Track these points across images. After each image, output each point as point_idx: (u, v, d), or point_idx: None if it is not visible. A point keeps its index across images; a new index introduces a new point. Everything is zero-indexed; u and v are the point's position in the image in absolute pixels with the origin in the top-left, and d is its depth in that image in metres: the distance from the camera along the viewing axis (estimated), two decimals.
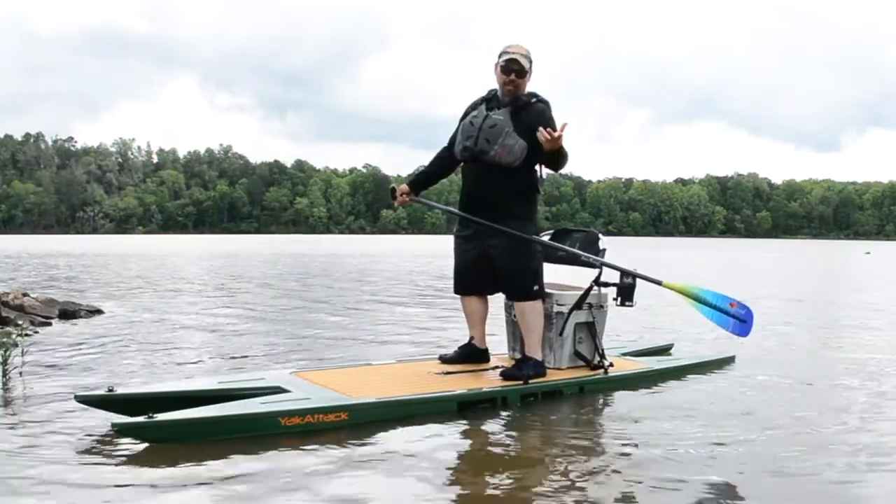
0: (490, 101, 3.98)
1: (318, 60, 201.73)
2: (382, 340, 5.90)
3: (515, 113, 3.88)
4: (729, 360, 4.93)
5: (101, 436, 3.09)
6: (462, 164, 4.05)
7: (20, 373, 4.22)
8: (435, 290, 11.20)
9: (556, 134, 3.68)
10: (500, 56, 3.94)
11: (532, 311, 3.97)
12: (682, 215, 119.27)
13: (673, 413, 3.65)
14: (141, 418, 2.92)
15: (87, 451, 2.92)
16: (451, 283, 4.31)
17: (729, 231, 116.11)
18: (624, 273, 4.11)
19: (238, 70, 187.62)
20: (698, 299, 4.01)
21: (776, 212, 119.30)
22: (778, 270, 19.90)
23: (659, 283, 4.07)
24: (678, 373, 4.54)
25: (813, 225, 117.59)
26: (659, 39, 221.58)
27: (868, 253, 35.53)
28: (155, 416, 2.93)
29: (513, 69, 3.88)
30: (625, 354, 4.79)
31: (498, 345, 4.58)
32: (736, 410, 3.73)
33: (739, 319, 3.97)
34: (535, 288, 3.98)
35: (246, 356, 5.10)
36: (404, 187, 4.19)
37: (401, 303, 9.19)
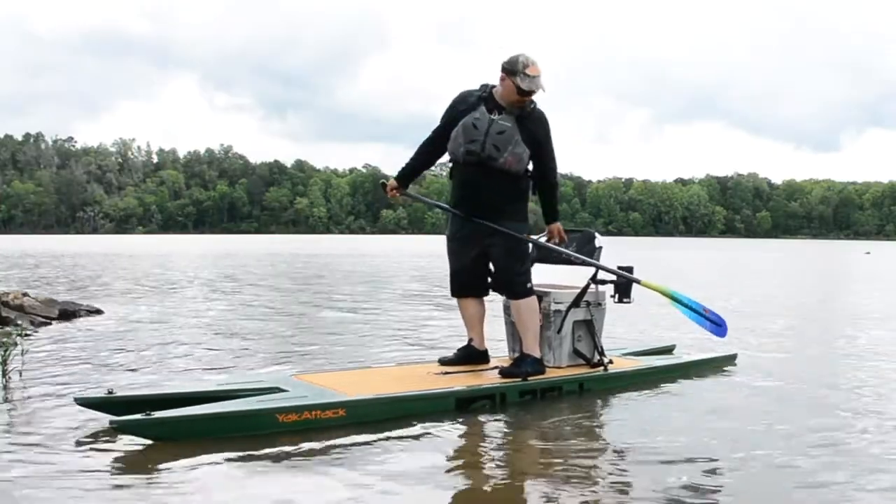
0: (487, 100, 3.87)
1: (318, 60, 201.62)
2: (382, 343, 5.90)
3: (520, 120, 3.85)
4: (730, 359, 4.92)
5: (100, 436, 3.09)
6: (454, 162, 3.98)
7: (20, 373, 4.22)
8: (434, 291, 11.20)
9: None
10: (517, 71, 3.74)
11: (527, 309, 3.98)
12: (682, 215, 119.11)
13: (672, 411, 3.66)
14: (138, 416, 2.93)
15: (86, 452, 2.92)
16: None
17: (729, 231, 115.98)
18: (613, 273, 4.20)
19: (238, 70, 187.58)
20: (675, 298, 4.11)
21: (776, 212, 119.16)
22: (778, 270, 19.91)
23: (637, 281, 4.15)
24: (678, 371, 4.54)
25: (813, 225, 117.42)
26: (659, 39, 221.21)
27: (868, 253, 35.52)
28: (152, 413, 2.93)
29: (533, 92, 3.81)
30: (626, 355, 4.77)
31: (501, 353, 4.58)
32: (736, 408, 3.74)
33: (714, 322, 4.08)
34: (529, 285, 4.00)
35: (245, 358, 5.10)
36: (393, 182, 4.15)
37: (400, 304, 9.19)
